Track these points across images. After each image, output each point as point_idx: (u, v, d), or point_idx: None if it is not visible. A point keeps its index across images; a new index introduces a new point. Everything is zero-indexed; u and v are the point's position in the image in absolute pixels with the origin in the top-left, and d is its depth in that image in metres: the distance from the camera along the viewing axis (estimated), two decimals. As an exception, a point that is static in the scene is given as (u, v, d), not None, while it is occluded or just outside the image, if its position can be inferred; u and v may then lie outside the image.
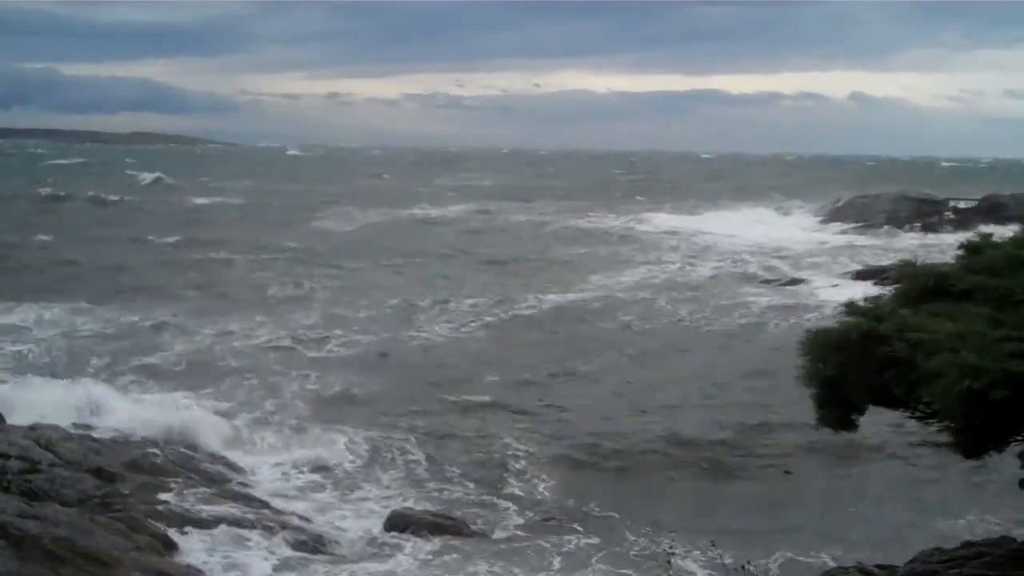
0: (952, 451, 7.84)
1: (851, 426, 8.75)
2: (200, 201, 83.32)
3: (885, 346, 7.89)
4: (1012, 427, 7.55)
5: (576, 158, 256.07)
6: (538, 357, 29.71)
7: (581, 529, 17.58)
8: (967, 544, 9.19)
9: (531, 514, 18.36)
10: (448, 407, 24.54)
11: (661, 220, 73.01)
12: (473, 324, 34.44)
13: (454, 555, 16.28)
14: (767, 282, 43.76)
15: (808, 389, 8.64)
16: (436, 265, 48.42)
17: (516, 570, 15.71)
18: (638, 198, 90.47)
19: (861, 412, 8.61)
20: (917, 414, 8.32)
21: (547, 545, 16.77)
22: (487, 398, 25.24)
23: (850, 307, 8.88)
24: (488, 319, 35.35)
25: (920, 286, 8.86)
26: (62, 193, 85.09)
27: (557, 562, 16.10)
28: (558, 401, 25.02)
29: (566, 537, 17.13)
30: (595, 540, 17.04)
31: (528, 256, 52.63)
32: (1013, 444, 7.83)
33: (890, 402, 8.31)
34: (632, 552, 16.43)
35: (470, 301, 37.99)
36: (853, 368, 8.15)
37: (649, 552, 15.89)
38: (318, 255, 50.78)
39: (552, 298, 39.29)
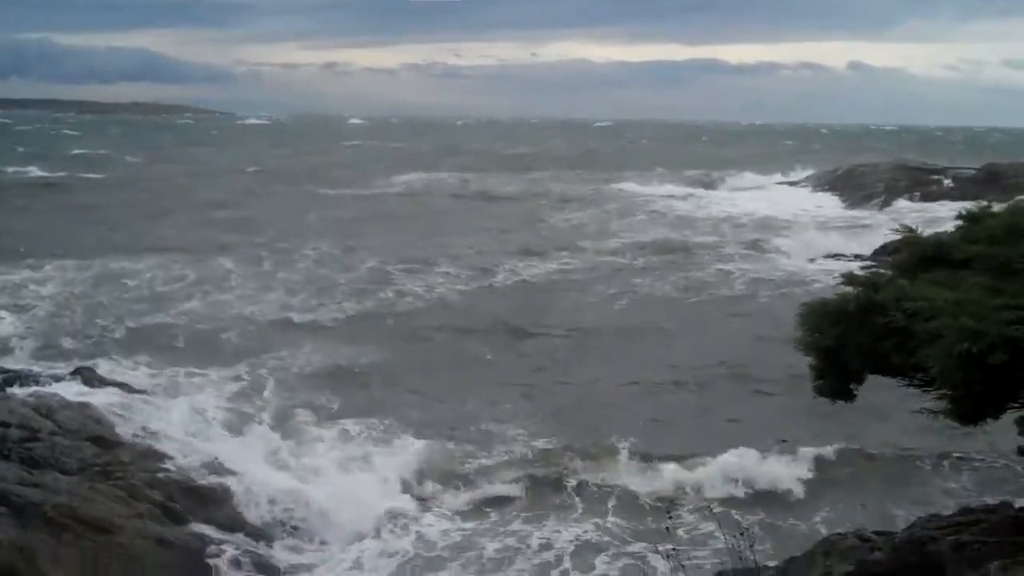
0: (950, 418, 7.86)
1: (849, 395, 8.77)
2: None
3: (883, 315, 7.91)
4: (1009, 392, 7.58)
5: (573, 127, 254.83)
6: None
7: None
8: (965, 510, 9.24)
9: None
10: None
11: (652, 190, 72.81)
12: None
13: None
14: (757, 250, 43.77)
15: (806, 358, 8.66)
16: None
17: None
18: (626, 171, 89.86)
19: (859, 381, 8.63)
20: (915, 382, 8.34)
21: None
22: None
23: (848, 277, 8.90)
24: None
25: (918, 255, 8.87)
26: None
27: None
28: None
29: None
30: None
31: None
32: (1010, 410, 7.86)
33: (888, 370, 8.34)
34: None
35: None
36: (851, 337, 8.18)
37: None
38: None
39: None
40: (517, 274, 37.88)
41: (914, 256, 8.89)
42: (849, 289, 8.62)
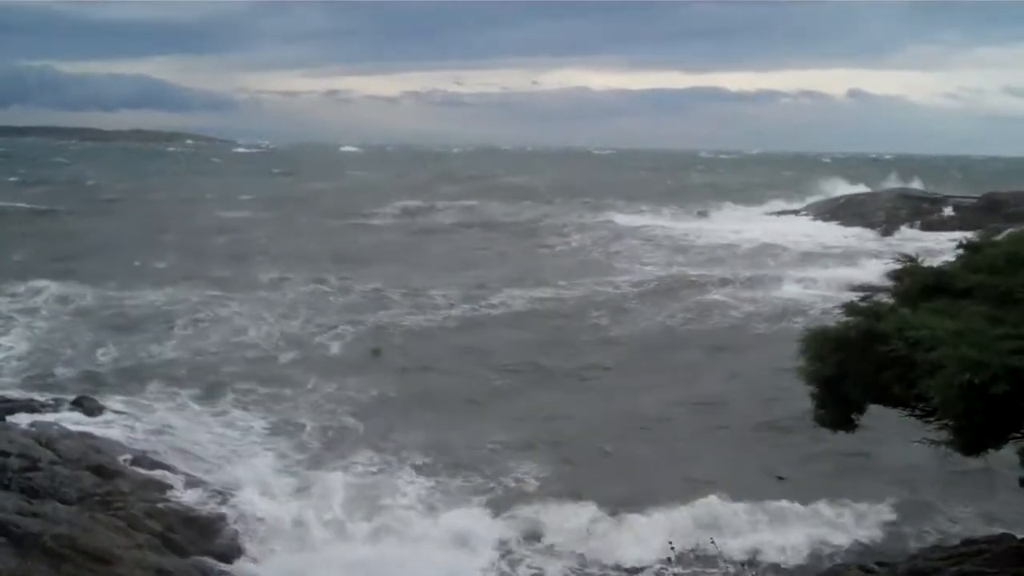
0: (951, 448, 7.84)
1: (850, 426, 8.75)
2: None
3: (884, 345, 7.90)
4: (1012, 423, 7.57)
5: (572, 155, 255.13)
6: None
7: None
8: (968, 541, 9.21)
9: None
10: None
11: (650, 220, 72.59)
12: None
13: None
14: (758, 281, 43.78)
15: (807, 387, 8.65)
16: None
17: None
18: (634, 200, 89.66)
19: (860, 411, 8.62)
20: (916, 412, 8.33)
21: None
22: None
23: (849, 306, 8.89)
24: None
25: (920, 284, 8.87)
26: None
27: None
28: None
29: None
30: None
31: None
32: (1012, 441, 7.85)
33: (889, 400, 8.33)
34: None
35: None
36: (852, 367, 8.17)
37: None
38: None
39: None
40: (508, 305, 37.74)
41: (915, 285, 8.89)
42: (850, 319, 8.61)
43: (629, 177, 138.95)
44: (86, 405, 21.95)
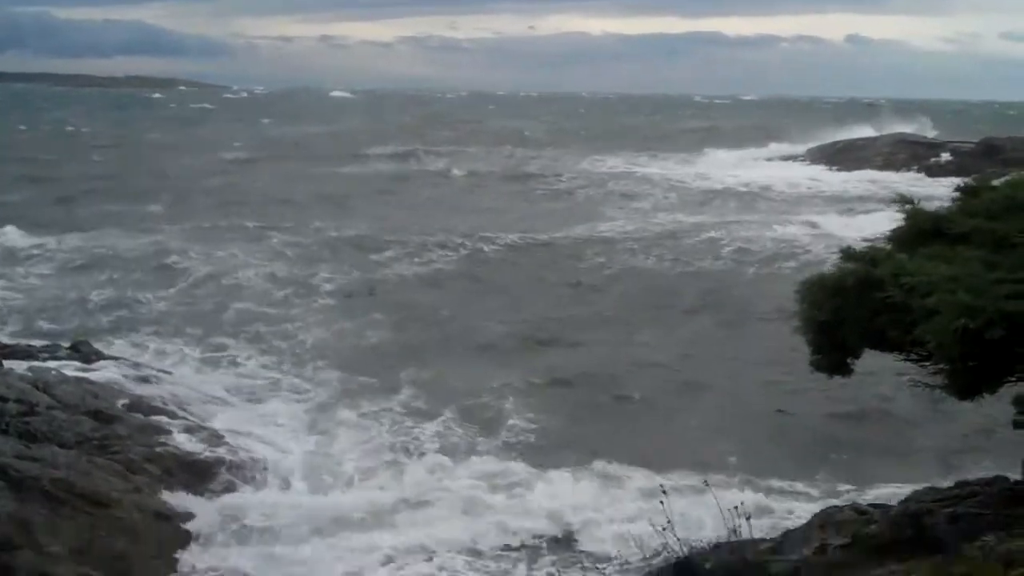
0: (946, 392, 7.88)
1: (846, 370, 8.77)
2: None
3: (880, 291, 7.90)
4: (1006, 367, 7.58)
5: (569, 101, 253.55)
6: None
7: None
8: (961, 483, 9.25)
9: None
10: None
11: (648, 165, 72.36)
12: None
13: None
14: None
15: (804, 334, 8.66)
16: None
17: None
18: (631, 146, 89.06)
19: (856, 356, 8.63)
20: (912, 357, 8.34)
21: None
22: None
23: (846, 252, 8.87)
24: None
25: (916, 229, 8.84)
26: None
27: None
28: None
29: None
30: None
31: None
32: (1007, 384, 7.87)
33: (885, 345, 8.33)
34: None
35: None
36: (849, 313, 8.16)
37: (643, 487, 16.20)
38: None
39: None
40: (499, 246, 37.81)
41: (912, 230, 8.86)
42: (846, 264, 8.60)
43: (625, 122, 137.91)
44: (83, 350, 21.90)
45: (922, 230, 8.78)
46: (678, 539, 8.42)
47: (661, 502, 8.36)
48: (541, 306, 29.20)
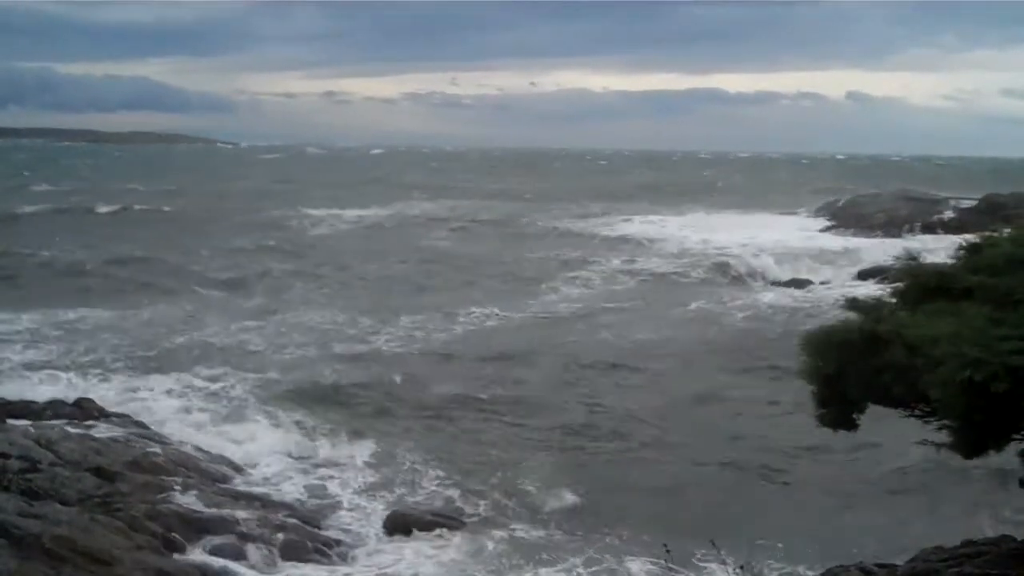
0: (952, 450, 7.82)
1: (851, 425, 8.73)
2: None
3: (884, 348, 7.89)
4: (1012, 423, 7.55)
5: (574, 158, 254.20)
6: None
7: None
8: (968, 543, 9.18)
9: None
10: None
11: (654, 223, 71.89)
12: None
13: (455, 553, 16.50)
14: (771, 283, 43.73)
15: (808, 386, 8.63)
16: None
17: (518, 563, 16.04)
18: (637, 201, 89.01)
19: (861, 411, 8.61)
20: (917, 413, 8.32)
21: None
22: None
23: (852, 304, 8.88)
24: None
25: (920, 285, 8.84)
26: None
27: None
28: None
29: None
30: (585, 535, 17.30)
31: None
32: (1013, 442, 7.83)
33: (890, 401, 8.31)
34: (632, 549, 16.61)
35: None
36: (853, 367, 8.15)
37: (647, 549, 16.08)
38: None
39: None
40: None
41: (916, 286, 8.87)
42: (851, 315, 8.61)
43: (633, 182, 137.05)
44: (86, 407, 21.93)
45: (926, 286, 8.78)
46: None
47: (665, 560, 8.30)
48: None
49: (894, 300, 8.88)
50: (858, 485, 19.28)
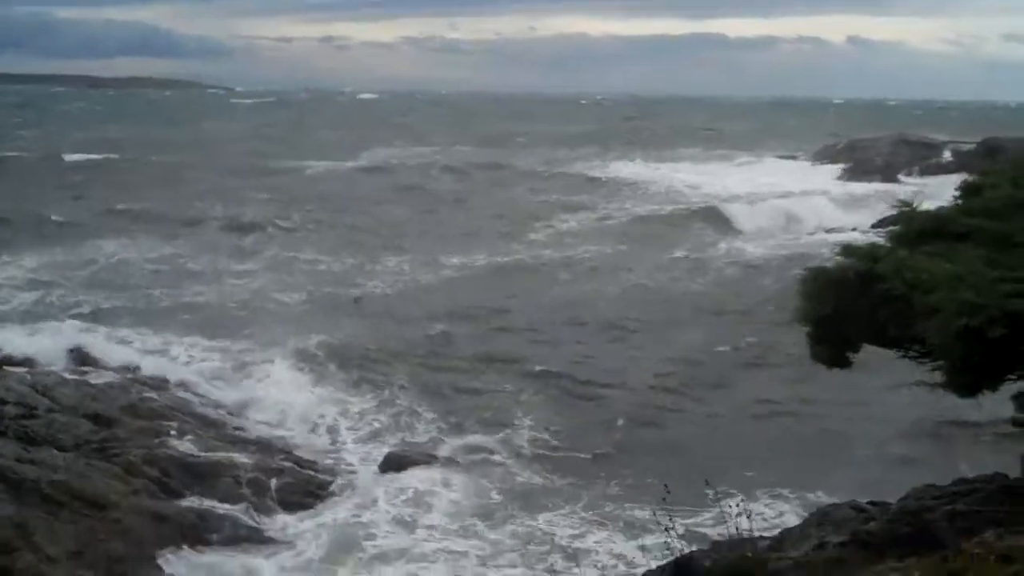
0: (947, 390, 7.82)
1: (845, 363, 8.71)
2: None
3: (882, 285, 7.84)
4: (1007, 365, 7.53)
5: (571, 102, 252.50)
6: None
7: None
8: (959, 481, 9.18)
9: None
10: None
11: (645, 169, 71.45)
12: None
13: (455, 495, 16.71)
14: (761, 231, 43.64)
15: (804, 327, 8.60)
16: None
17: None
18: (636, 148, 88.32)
19: (856, 350, 8.58)
20: (912, 353, 8.29)
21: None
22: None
23: (847, 248, 8.82)
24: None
25: (917, 228, 8.78)
26: None
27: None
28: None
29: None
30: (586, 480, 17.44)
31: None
32: (1007, 382, 7.81)
33: (885, 341, 8.28)
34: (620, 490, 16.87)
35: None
36: (849, 306, 8.10)
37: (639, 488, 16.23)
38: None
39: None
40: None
41: (912, 229, 8.79)
42: (847, 259, 8.55)
43: (639, 126, 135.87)
44: (82, 351, 21.88)
45: (923, 229, 8.71)
46: (679, 536, 8.40)
47: (664, 498, 8.31)
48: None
49: (890, 244, 8.79)
50: (852, 429, 19.31)
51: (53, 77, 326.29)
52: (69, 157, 67.29)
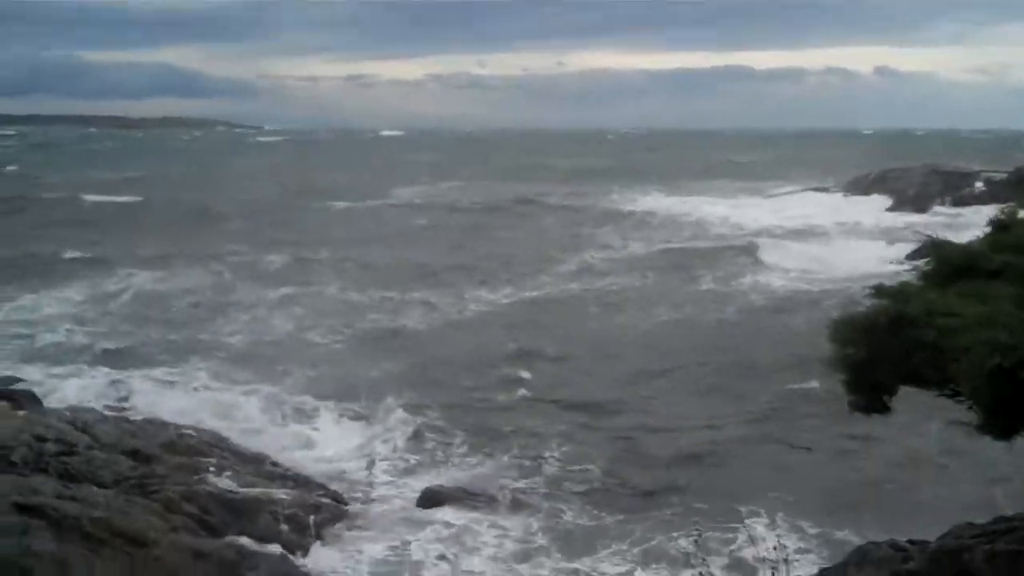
0: (982, 433, 7.78)
1: (883, 409, 8.66)
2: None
3: (913, 328, 7.86)
4: (1043, 406, 7.51)
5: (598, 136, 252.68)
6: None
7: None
8: (1000, 519, 9.15)
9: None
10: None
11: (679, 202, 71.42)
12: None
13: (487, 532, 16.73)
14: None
15: (837, 375, 8.60)
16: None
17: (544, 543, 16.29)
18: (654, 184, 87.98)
19: (892, 394, 8.57)
20: (947, 392, 8.28)
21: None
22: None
23: (877, 289, 8.85)
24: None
25: (947, 266, 8.80)
26: None
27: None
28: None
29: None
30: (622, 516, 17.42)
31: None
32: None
33: (921, 383, 8.27)
34: (660, 530, 16.74)
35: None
36: (882, 351, 8.11)
37: (678, 528, 16.20)
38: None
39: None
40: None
41: (943, 267, 8.82)
42: (878, 301, 8.57)
43: (663, 159, 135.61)
44: (120, 388, 22.14)
45: (954, 266, 8.74)
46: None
47: (696, 542, 8.34)
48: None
49: (920, 282, 8.82)
50: (886, 457, 19.21)
51: (82, 118, 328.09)
52: (90, 198, 67.71)
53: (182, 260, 42.18)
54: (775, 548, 8.44)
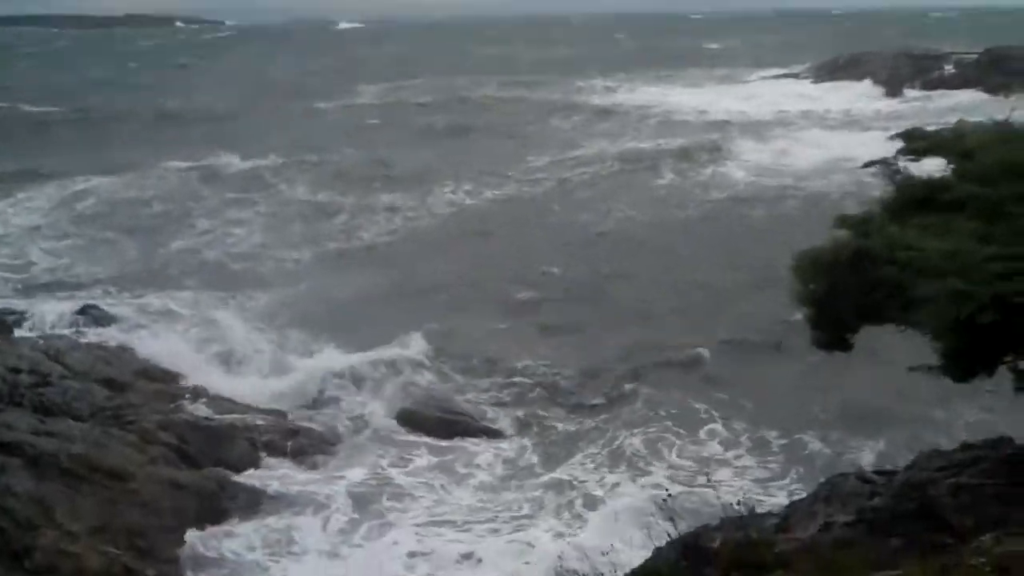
0: (943, 375, 7.83)
1: (846, 346, 8.69)
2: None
3: (874, 265, 7.86)
4: (1001, 350, 7.57)
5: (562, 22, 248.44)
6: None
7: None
8: (965, 446, 9.21)
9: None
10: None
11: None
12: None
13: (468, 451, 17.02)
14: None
15: (801, 309, 8.63)
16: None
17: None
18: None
19: (855, 331, 8.58)
20: (908, 328, 8.29)
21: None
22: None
23: (840, 219, 8.82)
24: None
25: (910, 196, 8.76)
26: None
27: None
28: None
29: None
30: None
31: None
32: (1003, 365, 7.83)
33: (882, 320, 8.29)
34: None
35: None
36: (844, 288, 8.11)
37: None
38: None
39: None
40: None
41: (905, 199, 8.77)
42: (840, 234, 8.55)
43: (624, 46, 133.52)
44: (92, 314, 21.88)
45: (914, 198, 8.69)
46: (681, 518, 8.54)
47: (665, 499, 8.40)
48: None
49: (882, 213, 8.78)
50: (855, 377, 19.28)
51: (48, 18, 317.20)
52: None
53: (144, 166, 41.27)
54: (738, 503, 8.51)
